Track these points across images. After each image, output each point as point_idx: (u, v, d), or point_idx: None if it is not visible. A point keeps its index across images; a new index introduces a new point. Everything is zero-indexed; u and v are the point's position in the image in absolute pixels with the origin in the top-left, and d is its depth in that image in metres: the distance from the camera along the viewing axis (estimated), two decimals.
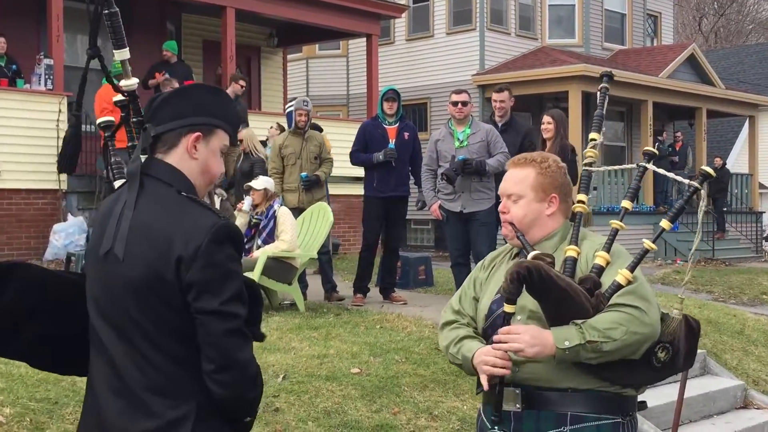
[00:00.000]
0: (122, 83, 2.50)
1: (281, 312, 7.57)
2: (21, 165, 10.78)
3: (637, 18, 21.81)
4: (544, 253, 2.50)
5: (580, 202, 2.75)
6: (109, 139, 2.68)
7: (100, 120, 2.75)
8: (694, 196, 2.67)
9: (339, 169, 8.99)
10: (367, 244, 8.52)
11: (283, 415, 4.81)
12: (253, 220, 7.78)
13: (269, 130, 11.67)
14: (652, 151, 2.78)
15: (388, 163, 8.28)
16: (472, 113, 8.01)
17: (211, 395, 2.09)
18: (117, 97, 2.53)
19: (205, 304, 2.05)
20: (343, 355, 5.93)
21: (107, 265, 2.15)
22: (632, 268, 2.48)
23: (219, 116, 2.27)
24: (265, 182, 7.85)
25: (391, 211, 8.46)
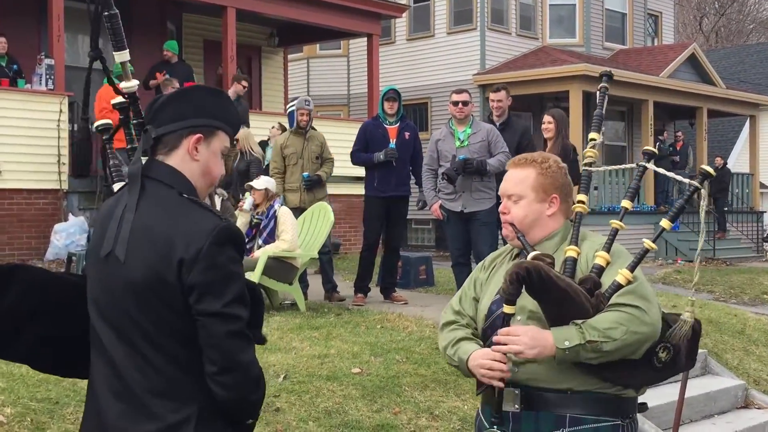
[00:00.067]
0: (122, 85, 2.49)
1: (282, 312, 7.57)
2: (22, 165, 10.78)
3: (638, 17, 21.81)
4: (543, 254, 2.50)
5: (580, 203, 2.75)
6: (107, 143, 2.67)
7: (98, 123, 2.74)
8: (695, 195, 2.67)
9: (339, 169, 8.99)
10: (367, 243, 8.51)
11: (283, 415, 4.81)
12: (253, 220, 7.79)
13: (271, 130, 11.67)
14: (651, 151, 2.77)
15: (388, 163, 8.28)
16: (473, 113, 8.01)
17: (213, 397, 2.09)
18: (116, 100, 2.52)
19: (207, 306, 2.05)
20: (344, 354, 5.93)
21: (108, 266, 2.14)
22: (632, 268, 2.47)
23: (220, 118, 2.26)
24: (266, 182, 7.85)
25: (392, 211, 8.45)
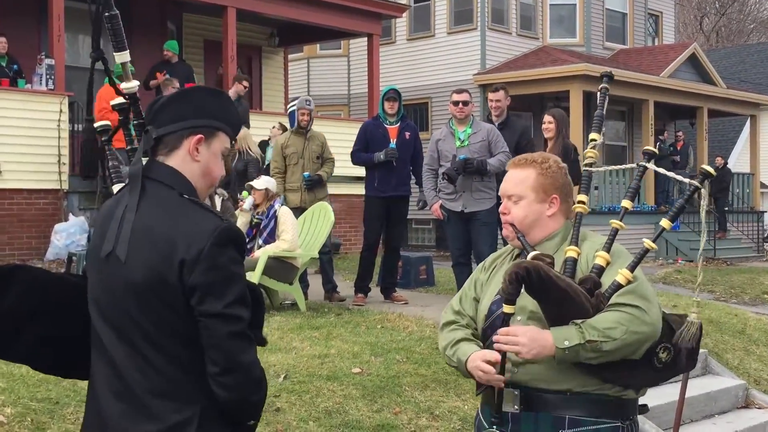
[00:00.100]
0: (122, 85, 2.48)
1: (282, 312, 7.57)
2: (22, 165, 10.79)
3: (638, 17, 21.80)
4: (543, 254, 2.49)
5: (581, 203, 2.75)
6: (105, 144, 2.67)
7: (97, 125, 2.73)
8: (695, 195, 2.67)
9: (340, 169, 8.99)
10: (368, 243, 8.51)
11: (284, 415, 4.81)
12: (254, 220, 7.78)
13: (271, 130, 11.68)
14: (652, 151, 2.77)
15: (389, 163, 8.28)
16: (473, 113, 8.01)
17: (215, 398, 2.08)
18: (115, 101, 2.52)
19: (209, 307, 2.05)
20: (344, 354, 5.93)
21: (109, 267, 2.14)
22: (632, 268, 2.47)
23: (220, 118, 2.26)
24: (267, 182, 7.84)
25: (392, 211, 8.45)
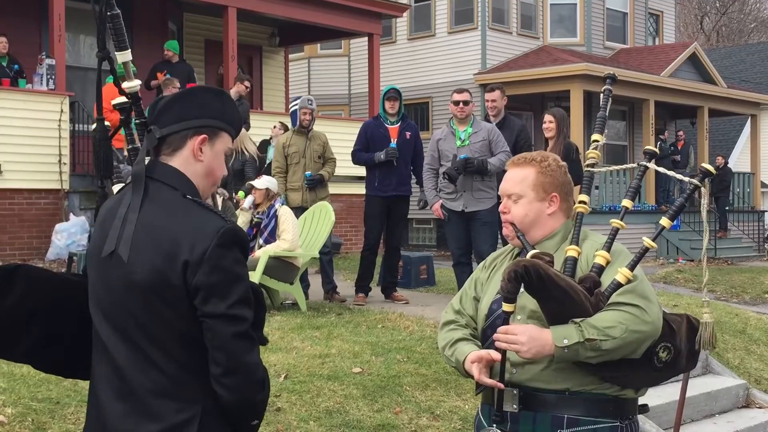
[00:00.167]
0: (124, 85, 2.49)
1: (283, 311, 7.57)
2: (23, 165, 10.80)
3: (639, 17, 21.80)
4: (542, 252, 2.49)
5: (582, 203, 2.75)
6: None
7: (96, 125, 2.74)
8: (696, 194, 2.67)
9: (340, 169, 8.99)
10: (368, 243, 8.51)
11: (284, 415, 4.81)
12: (254, 220, 7.79)
13: (273, 130, 11.69)
14: (653, 150, 2.77)
15: (389, 163, 8.28)
16: (474, 112, 8.01)
17: (217, 399, 2.08)
18: (117, 100, 2.52)
19: (213, 308, 2.04)
20: (345, 354, 5.93)
21: (110, 267, 2.14)
22: (632, 267, 2.47)
23: (223, 118, 2.26)
24: (268, 182, 7.84)
25: (393, 211, 8.46)
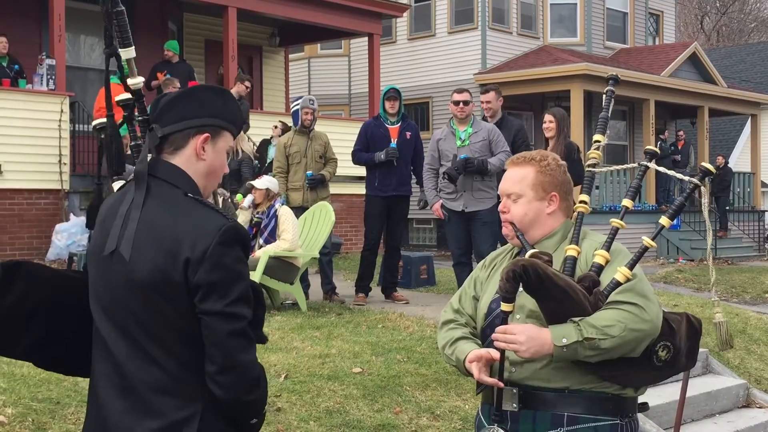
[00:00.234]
0: (128, 82, 2.50)
1: (283, 311, 7.57)
2: (23, 165, 10.80)
3: (639, 17, 21.80)
4: (541, 252, 2.49)
5: (582, 203, 2.75)
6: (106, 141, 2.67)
7: (96, 122, 2.74)
8: (695, 193, 2.67)
9: (341, 169, 8.99)
10: (368, 243, 8.51)
11: (284, 415, 4.81)
12: (254, 219, 7.79)
13: (273, 130, 11.70)
14: (653, 150, 2.77)
15: (389, 163, 8.28)
16: (474, 112, 8.01)
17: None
18: (120, 96, 2.52)
19: (211, 305, 2.05)
20: (345, 354, 5.93)
21: (111, 264, 2.14)
22: (631, 266, 2.47)
23: (225, 117, 2.27)
24: (268, 182, 7.84)
25: (393, 211, 8.46)
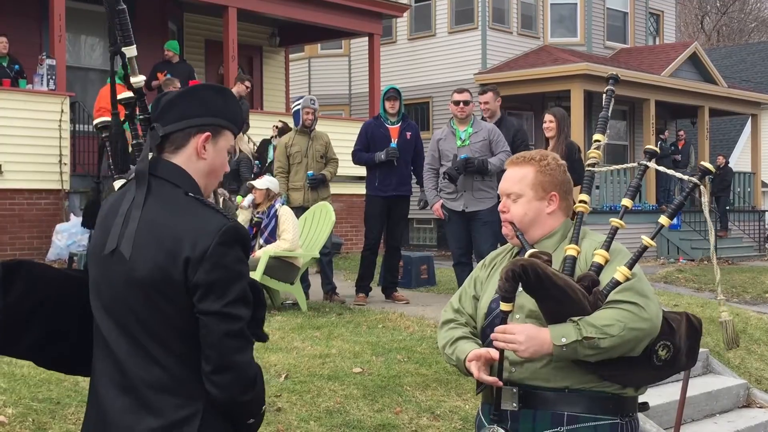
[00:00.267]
0: (130, 80, 2.50)
1: (283, 311, 7.57)
2: (24, 165, 10.80)
3: (639, 16, 21.80)
4: (540, 251, 2.49)
5: (582, 202, 2.75)
6: (106, 140, 2.67)
7: (97, 121, 2.74)
8: (695, 193, 2.66)
9: (341, 169, 9.00)
10: (369, 243, 8.51)
11: (285, 415, 4.81)
12: (254, 219, 7.79)
13: (274, 129, 11.70)
14: (653, 150, 2.77)
15: (390, 163, 8.28)
16: (474, 112, 8.01)
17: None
18: (123, 95, 2.53)
19: (209, 305, 2.05)
20: (345, 354, 5.93)
21: (112, 263, 2.14)
22: (630, 265, 2.47)
23: (226, 116, 2.27)
24: (268, 182, 7.84)
25: (393, 211, 8.46)
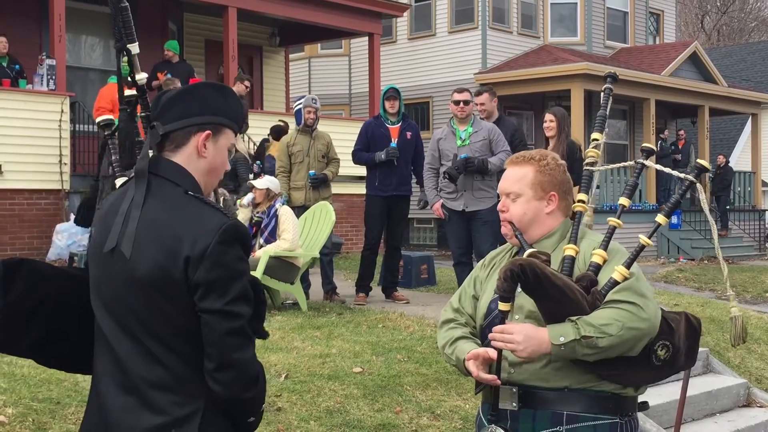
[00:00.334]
0: (135, 77, 2.50)
1: (283, 311, 7.57)
2: (24, 165, 10.81)
3: (640, 16, 21.79)
4: (539, 251, 2.49)
5: (581, 202, 2.75)
6: (109, 138, 2.68)
7: (100, 119, 2.75)
8: (695, 192, 2.67)
9: (341, 168, 8.99)
10: (369, 243, 8.51)
11: (285, 415, 4.81)
12: (254, 218, 7.79)
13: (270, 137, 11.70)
14: (650, 148, 2.77)
15: (390, 162, 8.28)
16: (474, 112, 8.01)
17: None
18: (126, 93, 2.53)
19: (210, 303, 2.05)
20: (346, 354, 5.93)
21: (112, 262, 2.14)
22: (628, 265, 2.47)
23: (226, 115, 2.27)
24: (269, 182, 7.84)
25: (393, 210, 8.46)
